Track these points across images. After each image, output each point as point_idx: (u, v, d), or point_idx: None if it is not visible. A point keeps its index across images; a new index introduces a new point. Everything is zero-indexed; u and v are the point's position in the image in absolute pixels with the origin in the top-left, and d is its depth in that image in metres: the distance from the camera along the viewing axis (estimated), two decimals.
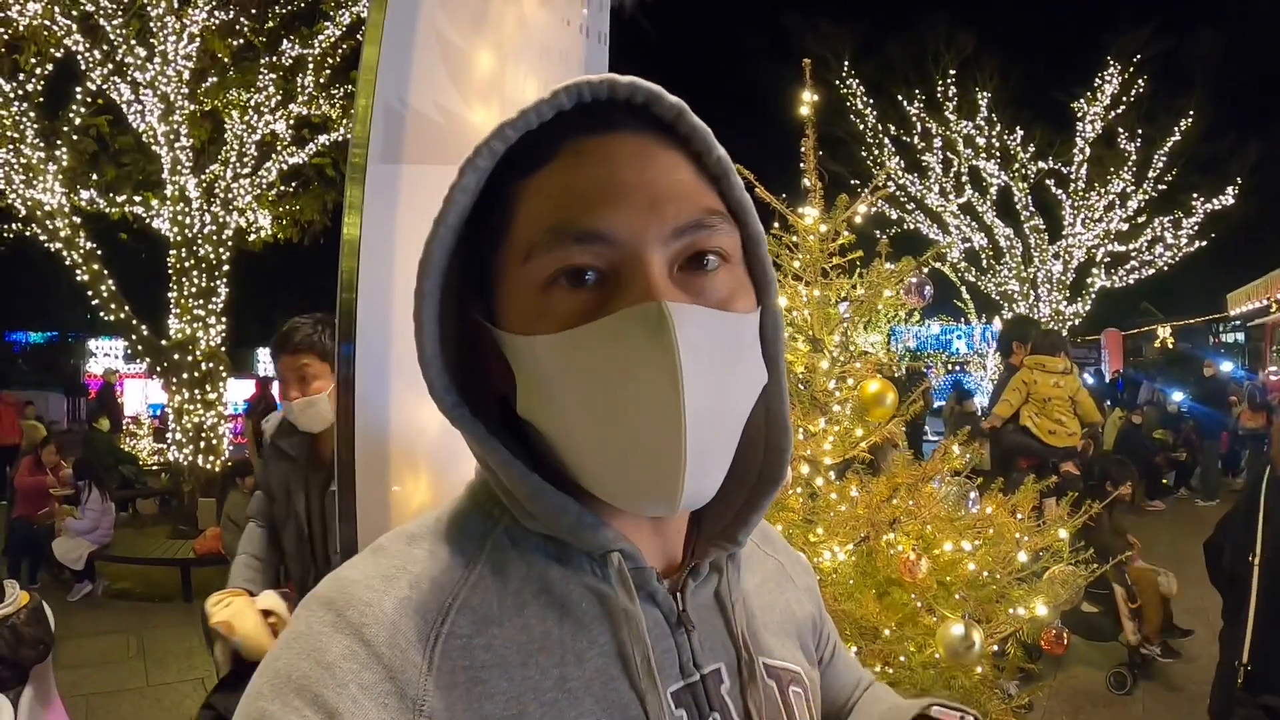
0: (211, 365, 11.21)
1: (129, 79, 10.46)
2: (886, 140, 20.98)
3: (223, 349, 11.60)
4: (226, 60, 10.86)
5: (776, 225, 3.05)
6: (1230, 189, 20.01)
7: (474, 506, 0.78)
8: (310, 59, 11.20)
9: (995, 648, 2.56)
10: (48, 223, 10.07)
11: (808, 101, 2.97)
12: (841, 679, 1.05)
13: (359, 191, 1.58)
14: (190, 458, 11.09)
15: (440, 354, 0.73)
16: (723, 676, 0.79)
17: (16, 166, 9.87)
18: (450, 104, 1.65)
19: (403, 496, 1.60)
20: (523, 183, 0.71)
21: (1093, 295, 21.70)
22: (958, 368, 23.19)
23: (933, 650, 2.29)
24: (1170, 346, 24.94)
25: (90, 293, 10.31)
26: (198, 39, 10.48)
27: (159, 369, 11.10)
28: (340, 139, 11.53)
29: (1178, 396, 15.39)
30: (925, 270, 3.01)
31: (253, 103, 11.20)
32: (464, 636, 0.68)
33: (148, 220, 11.41)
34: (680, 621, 0.77)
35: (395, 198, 1.60)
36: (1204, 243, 20.71)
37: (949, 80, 20.60)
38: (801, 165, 2.97)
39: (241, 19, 10.86)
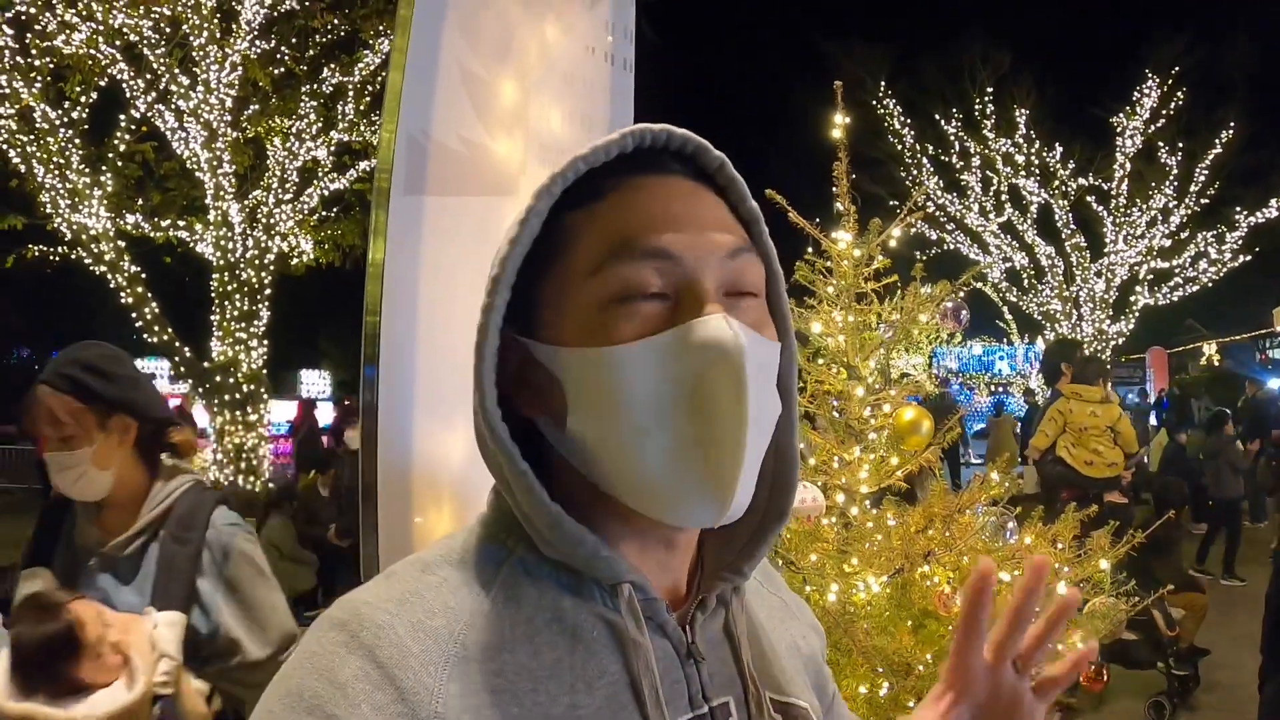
0: (253, 387, 11.36)
1: (173, 106, 10.69)
2: (925, 160, 20.85)
3: (264, 371, 11.75)
4: (268, 88, 11.05)
5: (810, 250, 3.02)
6: (1274, 201, 19.60)
7: (488, 536, 0.79)
8: (350, 86, 11.38)
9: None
10: (93, 246, 10.28)
11: (840, 124, 2.94)
12: None
13: (383, 216, 1.58)
14: (231, 478, 11.22)
15: (495, 371, 0.76)
16: (731, 710, 0.79)
17: (63, 192, 10.10)
18: (474, 135, 1.64)
19: (425, 528, 1.59)
20: (582, 211, 0.76)
21: (1136, 313, 21.34)
22: (1001, 389, 22.91)
23: None
24: (1216, 364, 24.39)
25: (134, 315, 10.51)
26: (239, 68, 10.68)
27: (201, 390, 11.27)
28: None
29: None
30: (962, 294, 2.95)
31: (294, 130, 11.39)
32: (476, 661, 0.69)
33: (191, 244, 11.64)
34: (690, 653, 0.78)
35: (419, 228, 1.60)
36: (1248, 257, 20.30)
37: (986, 98, 20.44)
38: (834, 189, 2.94)
39: (282, 48, 11.06)
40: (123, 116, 10.73)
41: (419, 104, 1.60)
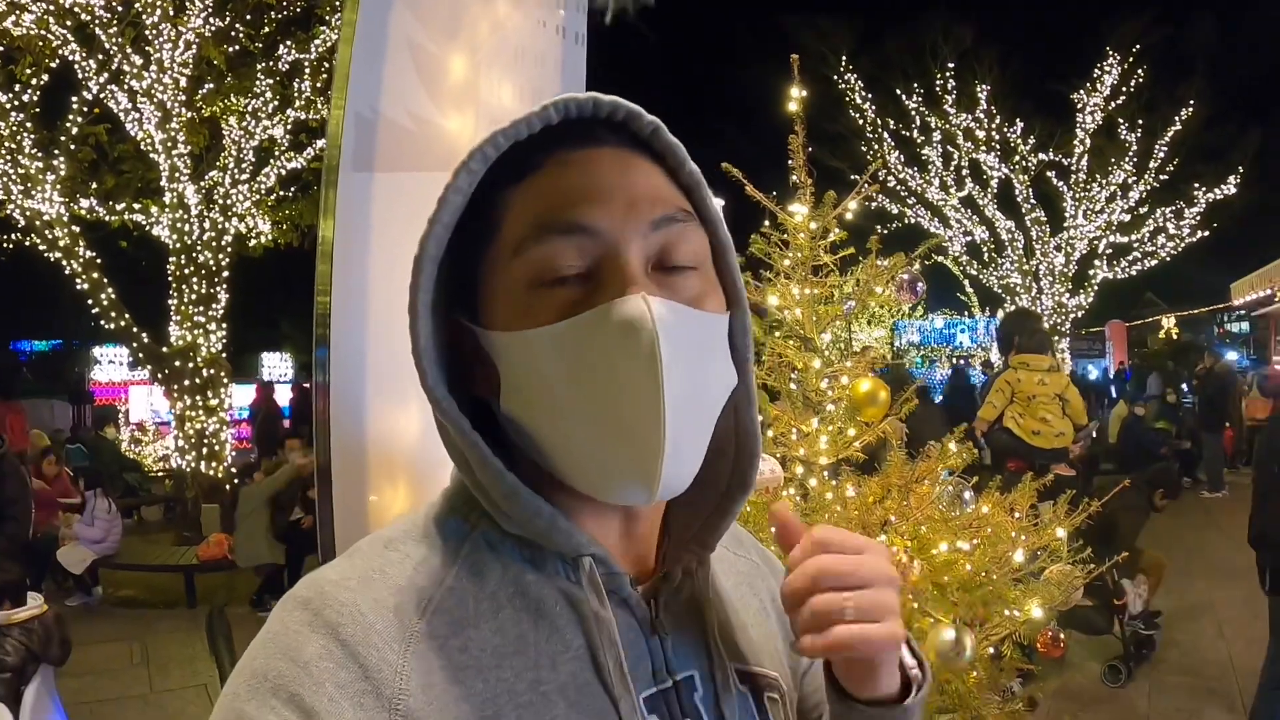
0: (212, 372, 11.22)
1: (126, 87, 10.48)
2: (886, 135, 20.94)
3: (224, 355, 11.61)
4: (222, 67, 10.85)
5: (766, 223, 3.03)
6: (1232, 178, 19.97)
7: (451, 511, 0.79)
8: (306, 64, 11.20)
9: (991, 650, 2.53)
10: (46, 232, 10.09)
11: (796, 98, 2.95)
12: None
13: (333, 194, 1.56)
14: (193, 464, 11.11)
15: (434, 347, 0.75)
16: (696, 683, 0.79)
17: (14, 177, 9.88)
18: (423, 111, 1.63)
19: (380, 506, 1.59)
20: (511, 189, 0.75)
21: (1095, 287, 21.65)
22: (962, 361, 23.18)
23: (925, 655, 2.26)
24: (1175, 337, 24.86)
25: (90, 301, 10.34)
26: (193, 46, 10.48)
27: (160, 376, 11.12)
28: None
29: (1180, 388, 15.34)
30: (917, 266, 2.98)
31: (250, 108, 11.21)
32: (440, 638, 0.69)
33: (147, 228, 11.43)
34: (654, 627, 0.78)
35: (368, 205, 1.59)
36: (1206, 232, 20.68)
37: (948, 74, 20.54)
38: (791, 162, 2.94)
39: (237, 25, 10.86)
40: (75, 99, 10.49)
41: (368, 80, 1.58)
